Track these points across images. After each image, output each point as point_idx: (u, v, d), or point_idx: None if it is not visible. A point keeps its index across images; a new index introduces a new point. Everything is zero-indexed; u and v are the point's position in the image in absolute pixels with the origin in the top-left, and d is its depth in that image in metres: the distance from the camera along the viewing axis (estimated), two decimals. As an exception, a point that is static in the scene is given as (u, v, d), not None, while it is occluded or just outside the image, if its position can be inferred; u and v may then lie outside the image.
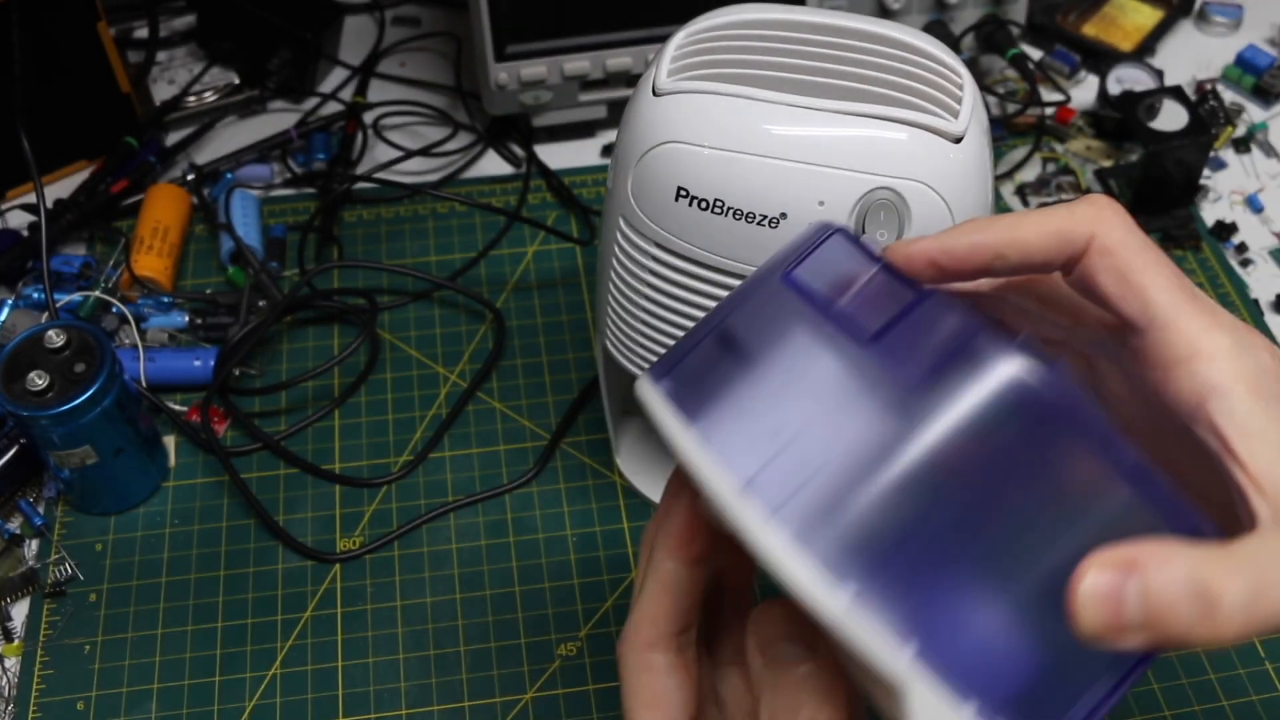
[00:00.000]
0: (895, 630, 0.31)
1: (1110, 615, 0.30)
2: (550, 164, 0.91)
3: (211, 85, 0.94)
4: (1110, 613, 0.30)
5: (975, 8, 0.92)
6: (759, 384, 0.35)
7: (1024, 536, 0.33)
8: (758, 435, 0.34)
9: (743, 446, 0.34)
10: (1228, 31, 0.99)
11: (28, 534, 0.72)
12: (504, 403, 0.78)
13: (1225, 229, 0.86)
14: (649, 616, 0.38)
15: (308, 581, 0.70)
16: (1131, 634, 0.30)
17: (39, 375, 0.66)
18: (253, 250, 0.82)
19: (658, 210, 0.56)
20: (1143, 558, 0.30)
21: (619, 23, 0.85)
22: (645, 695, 0.38)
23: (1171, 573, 0.30)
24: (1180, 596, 0.30)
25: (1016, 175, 0.90)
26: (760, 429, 0.34)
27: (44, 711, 0.65)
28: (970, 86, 0.55)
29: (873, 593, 0.31)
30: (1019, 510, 0.33)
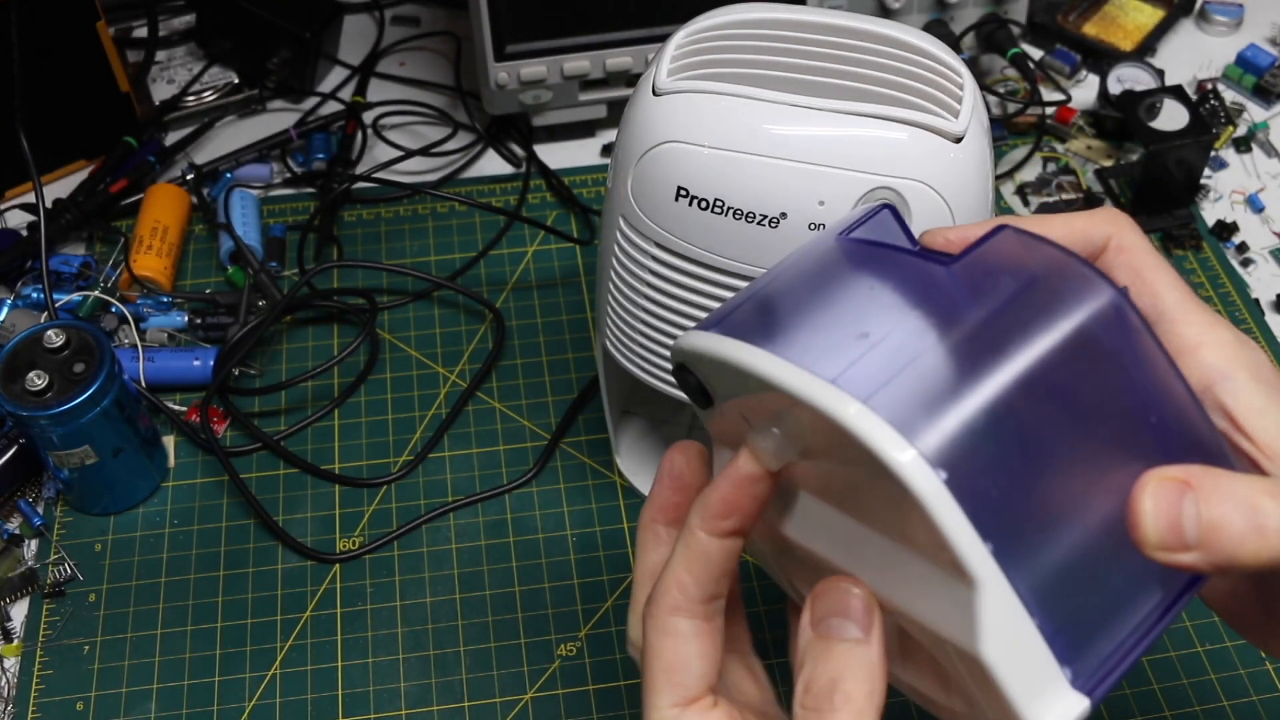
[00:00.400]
0: (977, 527, 0.32)
1: (1170, 528, 0.33)
2: (550, 164, 0.90)
3: (211, 85, 0.94)
4: (1170, 525, 0.33)
5: (976, 7, 0.92)
6: (830, 311, 0.36)
7: (1101, 448, 0.35)
8: (838, 344, 0.35)
9: (822, 356, 0.34)
10: (1228, 31, 0.99)
11: (27, 534, 0.72)
12: (504, 403, 0.77)
13: (1226, 229, 0.85)
14: (677, 582, 0.38)
15: (307, 581, 0.70)
16: (1188, 549, 0.33)
17: (38, 375, 0.66)
18: (252, 250, 0.82)
19: (658, 210, 0.56)
20: (1195, 478, 0.33)
21: (619, 22, 0.85)
22: (665, 659, 0.38)
23: (1224, 492, 0.33)
24: (1233, 512, 0.33)
25: (1017, 175, 0.89)
26: (840, 339, 0.35)
27: (43, 712, 0.65)
28: (970, 86, 0.55)
29: (960, 483, 0.32)
30: (1099, 420, 0.35)
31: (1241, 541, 0.33)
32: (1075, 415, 0.35)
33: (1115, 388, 0.35)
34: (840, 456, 0.35)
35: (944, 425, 0.32)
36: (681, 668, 0.38)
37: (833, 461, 0.36)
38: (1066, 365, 0.34)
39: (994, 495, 0.32)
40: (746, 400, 0.37)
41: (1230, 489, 0.34)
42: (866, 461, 0.33)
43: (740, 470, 0.37)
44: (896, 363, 0.33)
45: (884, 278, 0.37)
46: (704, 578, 0.38)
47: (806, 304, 0.37)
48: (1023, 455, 0.34)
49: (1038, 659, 0.33)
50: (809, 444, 0.36)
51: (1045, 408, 0.34)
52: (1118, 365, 0.35)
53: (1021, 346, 0.34)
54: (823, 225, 0.54)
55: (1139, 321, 0.35)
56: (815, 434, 0.35)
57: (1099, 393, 0.35)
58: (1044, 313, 0.35)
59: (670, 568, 0.38)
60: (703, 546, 0.38)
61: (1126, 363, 0.35)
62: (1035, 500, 0.34)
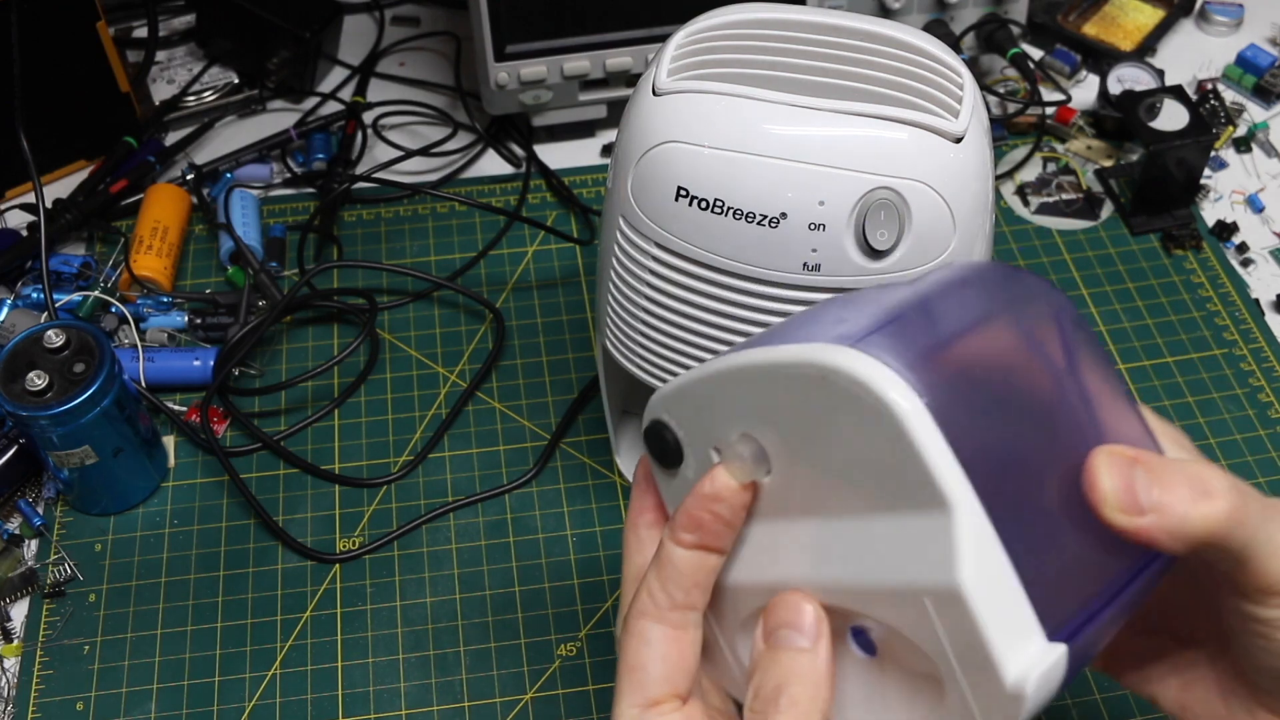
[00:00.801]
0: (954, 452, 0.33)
1: (1125, 490, 0.35)
2: (550, 164, 0.90)
3: (211, 85, 0.94)
4: (1125, 487, 0.36)
5: (976, 7, 0.92)
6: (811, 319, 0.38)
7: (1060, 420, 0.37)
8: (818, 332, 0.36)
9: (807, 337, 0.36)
10: (1229, 31, 0.99)
11: (27, 534, 0.72)
12: (504, 403, 0.77)
13: (1226, 229, 0.85)
14: (647, 589, 0.40)
15: (307, 582, 0.70)
16: (1143, 512, 0.35)
17: (38, 375, 0.66)
18: (252, 250, 0.82)
19: (658, 210, 0.56)
20: (1142, 457, 0.36)
21: (619, 23, 0.85)
22: (629, 660, 0.40)
23: (1169, 466, 0.37)
24: (1181, 481, 0.36)
25: (1017, 175, 0.89)
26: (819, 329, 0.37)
27: (43, 712, 0.65)
28: (970, 86, 0.55)
29: (936, 412, 0.33)
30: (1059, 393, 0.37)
31: (1192, 504, 0.36)
32: (1029, 383, 0.37)
33: (1064, 370, 0.38)
34: (809, 432, 0.36)
35: (918, 365, 0.34)
36: (642, 669, 0.39)
37: (799, 449, 0.37)
38: (1021, 339, 0.37)
39: (966, 434, 0.33)
40: (720, 431, 0.39)
41: (1175, 464, 0.37)
42: (841, 411, 0.34)
43: (703, 490, 0.39)
44: (872, 325, 0.35)
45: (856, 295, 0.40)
46: (672, 587, 0.40)
47: (781, 329, 0.39)
48: (989, 409, 0.35)
49: (1012, 599, 0.33)
50: (783, 442, 0.37)
51: (1007, 375, 0.36)
52: (1066, 352, 0.38)
53: (983, 321, 0.37)
54: (823, 225, 0.54)
55: (1085, 332, 0.38)
56: (789, 419, 0.37)
57: (1050, 369, 0.37)
58: (1002, 295, 0.38)
59: (645, 575, 0.40)
60: (671, 556, 0.40)
61: (1073, 354, 0.38)
62: (1000, 453, 0.35)
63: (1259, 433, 0.75)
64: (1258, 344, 0.79)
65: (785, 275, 0.56)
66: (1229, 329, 0.80)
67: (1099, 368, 0.39)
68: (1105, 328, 0.80)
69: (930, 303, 0.37)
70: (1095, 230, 0.86)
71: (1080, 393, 0.38)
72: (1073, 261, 0.84)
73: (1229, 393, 0.77)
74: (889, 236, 0.54)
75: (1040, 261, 0.84)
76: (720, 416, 0.39)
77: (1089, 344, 0.39)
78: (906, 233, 0.54)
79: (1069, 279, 0.83)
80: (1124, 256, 0.84)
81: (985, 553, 0.33)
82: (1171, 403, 0.76)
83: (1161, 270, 0.84)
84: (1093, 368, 0.38)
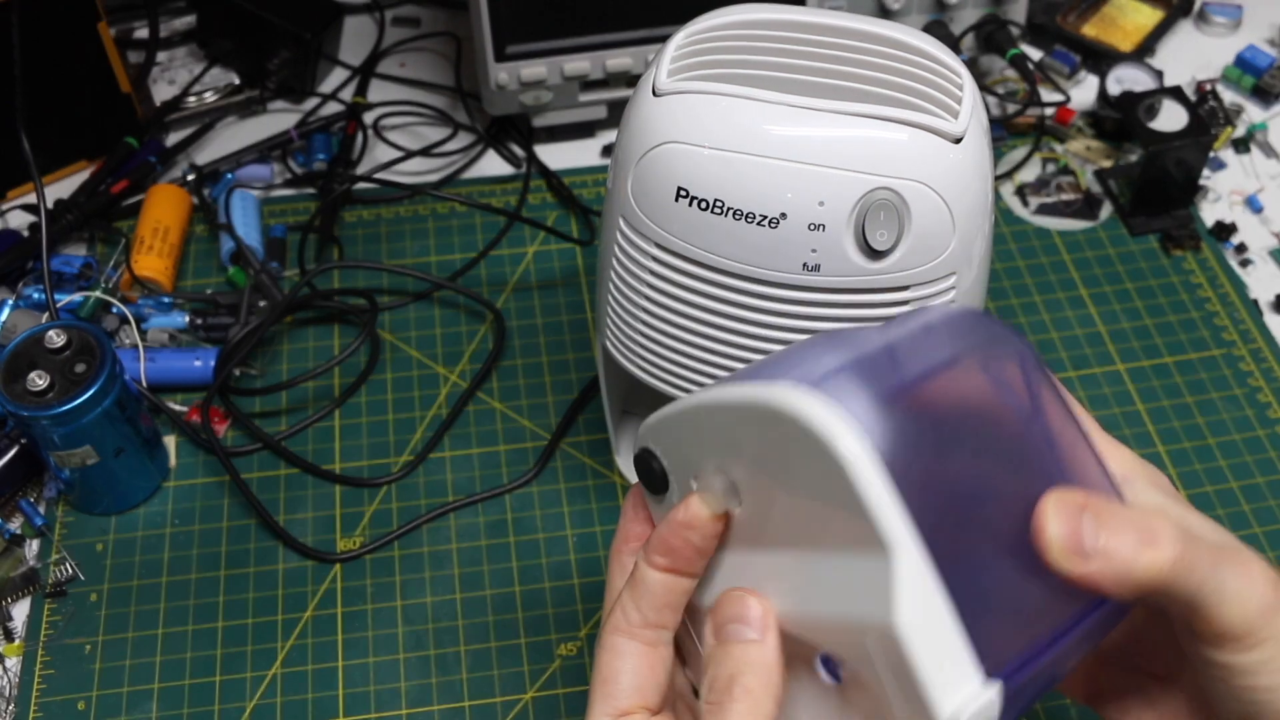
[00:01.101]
0: (896, 495, 0.34)
1: (1071, 535, 0.36)
2: (550, 164, 0.91)
3: (212, 85, 0.94)
4: (1071, 533, 0.36)
5: (975, 8, 0.92)
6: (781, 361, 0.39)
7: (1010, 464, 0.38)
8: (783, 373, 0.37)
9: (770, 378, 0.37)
10: (1227, 32, 0.99)
11: (29, 534, 0.72)
12: (504, 403, 0.78)
13: (1225, 229, 0.86)
14: (620, 605, 0.42)
15: (308, 581, 0.70)
16: (1088, 557, 0.36)
17: (40, 375, 0.66)
18: (253, 250, 0.82)
19: (658, 210, 0.57)
20: (1092, 501, 0.37)
21: (619, 23, 0.85)
22: (602, 672, 0.41)
23: (1117, 512, 0.37)
24: (1127, 528, 0.36)
25: (1016, 175, 0.90)
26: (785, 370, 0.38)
27: (45, 711, 0.65)
28: (970, 87, 0.55)
29: (883, 455, 0.34)
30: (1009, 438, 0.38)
31: (1136, 552, 0.36)
32: (987, 434, 0.38)
33: (1025, 414, 0.39)
34: (771, 468, 0.38)
35: (869, 411, 0.35)
36: (613, 680, 0.41)
37: (764, 484, 0.39)
38: (981, 388, 0.38)
39: (912, 479, 0.34)
40: (697, 462, 0.41)
41: (1125, 511, 0.37)
42: (796, 450, 0.35)
43: (677, 517, 0.41)
44: (830, 368, 0.37)
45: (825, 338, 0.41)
46: (644, 606, 0.41)
47: (754, 366, 0.41)
48: (939, 453, 0.36)
49: (949, 639, 0.34)
50: (751, 476, 0.39)
51: (961, 421, 0.37)
52: (1026, 402, 0.39)
53: (943, 367, 0.38)
54: (822, 226, 0.54)
55: (1046, 377, 0.39)
56: (755, 454, 0.38)
57: (1009, 420, 0.38)
58: (965, 345, 0.39)
59: (620, 593, 0.42)
60: (644, 578, 0.41)
61: (1034, 402, 0.39)
62: (949, 497, 0.36)
63: (1258, 433, 0.75)
64: (1256, 344, 0.79)
65: (785, 275, 0.56)
66: (1228, 329, 0.80)
67: (1060, 412, 0.39)
68: (1104, 328, 0.81)
69: (895, 347, 0.38)
70: (1094, 231, 0.86)
71: (1040, 436, 0.39)
72: (1072, 262, 0.84)
73: (1228, 393, 0.77)
74: (889, 237, 0.54)
75: (1039, 262, 0.84)
76: (697, 449, 0.41)
77: (1051, 388, 0.39)
78: (906, 233, 0.54)
79: (1068, 279, 0.83)
80: (1123, 257, 0.85)
81: (923, 595, 0.34)
82: (1170, 403, 0.77)
83: (1160, 271, 0.84)
84: (1054, 412, 0.39)
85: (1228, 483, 0.73)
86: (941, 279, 0.56)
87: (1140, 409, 0.76)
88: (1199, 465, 0.74)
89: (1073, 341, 0.80)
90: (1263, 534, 0.71)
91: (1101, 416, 0.76)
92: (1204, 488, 0.73)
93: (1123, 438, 0.74)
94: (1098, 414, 0.76)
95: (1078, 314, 0.81)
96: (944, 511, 0.35)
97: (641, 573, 0.42)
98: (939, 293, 0.56)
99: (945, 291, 0.57)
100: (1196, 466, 0.74)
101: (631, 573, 0.42)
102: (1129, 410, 0.76)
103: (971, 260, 0.57)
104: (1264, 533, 0.71)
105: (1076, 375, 0.78)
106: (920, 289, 0.56)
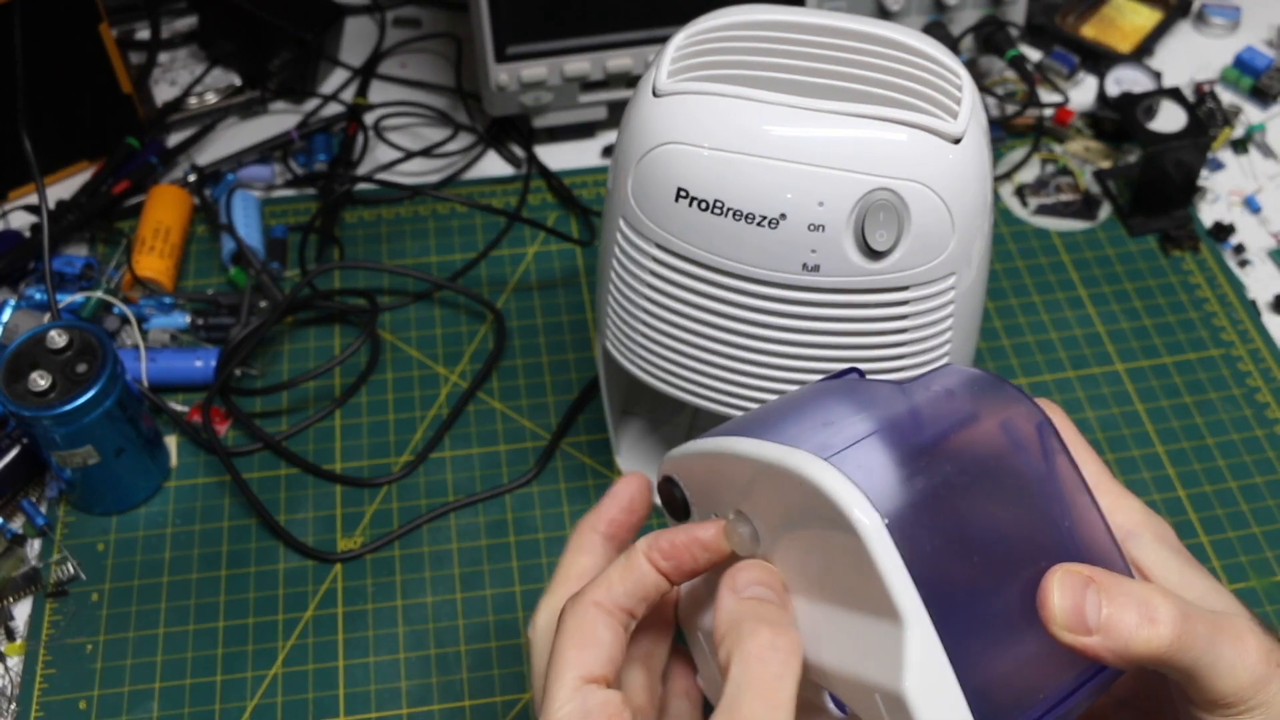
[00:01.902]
0: (910, 571, 0.36)
1: (1074, 610, 0.38)
2: (550, 165, 0.91)
3: (213, 86, 0.95)
4: (1074, 608, 0.38)
5: (974, 9, 0.92)
6: (798, 414, 0.42)
7: (1020, 538, 0.39)
8: (805, 430, 0.40)
9: (788, 437, 0.40)
10: (1226, 33, 1.00)
11: (30, 534, 0.72)
12: (504, 403, 0.78)
13: (1223, 230, 0.86)
14: (607, 582, 0.43)
15: (309, 581, 0.70)
16: (1090, 633, 0.38)
17: (41, 376, 0.66)
18: (254, 251, 0.83)
19: (658, 211, 0.57)
20: (1097, 576, 0.38)
21: (619, 24, 0.85)
22: (578, 637, 0.42)
23: (1122, 588, 0.38)
24: (1129, 605, 0.38)
25: (1015, 176, 0.90)
26: (807, 427, 0.40)
27: (46, 710, 0.65)
28: (969, 87, 0.55)
29: (898, 531, 0.36)
30: (1020, 512, 0.40)
31: (1136, 629, 0.38)
32: (1001, 504, 0.40)
33: (1036, 490, 0.40)
34: (792, 524, 0.39)
35: (889, 483, 0.37)
36: (592, 646, 0.41)
37: (784, 537, 0.40)
38: (998, 460, 0.40)
39: (927, 550, 0.37)
40: (719, 503, 0.43)
41: (1128, 587, 0.38)
42: (817, 516, 0.37)
43: (699, 534, 0.42)
44: (851, 438, 0.39)
45: (846, 393, 0.43)
46: (630, 591, 0.42)
47: (778, 414, 0.42)
48: (954, 524, 0.38)
49: (954, 705, 0.36)
50: (771, 527, 0.41)
51: (977, 492, 0.39)
52: (1039, 472, 0.41)
53: (960, 440, 0.40)
54: (822, 226, 0.54)
55: (1060, 445, 0.41)
56: (777, 509, 0.40)
57: (1023, 491, 0.40)
58: (981, 417, 0.41)
59: (608, 570, 0.43)
60: (638, 567, 0.42)
61: (1047, 472, 0.41)
62: (961, 567, 0.38)
63: (1256, 433, 0.75)
64: (1255, 345, 0.80)
65: (785, 276, 0.56)
66: (1226, 330, 0.80)
67: (1071, 479, 0.41)
68: (1103, 328, 0.81)
69: (910, 414, 0.41)
70: (1093, 231, 0.86)
71: (1051, 506, 0.40)
72: (1071, 262, 0.84)
73: (1226, 393, 0.77)
74: (888, 237, 0.54)
75: (1039, 262, 0.85)
76: (720, 491, 0.43)
77: (1064, 453, 0.41)
78: (905, 234, 0.54)
79: (1067, 280, 0.83)
80: (1122, 257, 0.85)
81: (931, 665, 0.36)
82: (1169, 403, 0.77)
83: (1159, 271, 0.84)
84: (1066, 479, 0.41)
85: (1226, 483, 0.73)
86: (941, 279, 0.56)
87: (1139, 409, 0.77)
88: (1198, 465, 0.74)
89: (1072, 341, 0.80)
90: (1262, 534, 0.71)
91: (1101, 416, 0.76)
92: (1203, 488, 0.73)
93: (1122, 438, 0.75)
94: (1097, 414, 0.76)
95: (1077, 314, 0.82)
96: (951, 582, 0.37)
97: (637, 561, 0.42)
98: (939, 292, 0.57)
99: (945, 291, 0.57)
100: (1195, 466, 0.74)
101: (626, 557, 0.43)
102: (1128, 410, 0.76)
103: (971, 260, 0.57)
104: (1263, 533, 0.71)
105: (1076, 375, 0.78)
106: (920, 289, 0.56)
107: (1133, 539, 0.43)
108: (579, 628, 0.42)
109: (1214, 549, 0.70)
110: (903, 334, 0.58)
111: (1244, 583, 0.69)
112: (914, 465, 0.38)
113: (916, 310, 0.57)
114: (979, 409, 0.41)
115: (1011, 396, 0.42)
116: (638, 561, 0.42)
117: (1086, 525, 0.41)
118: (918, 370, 0.59)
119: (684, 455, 0.44)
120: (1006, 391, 0.42)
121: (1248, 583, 0.69)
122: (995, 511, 0.39)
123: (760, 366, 0.59)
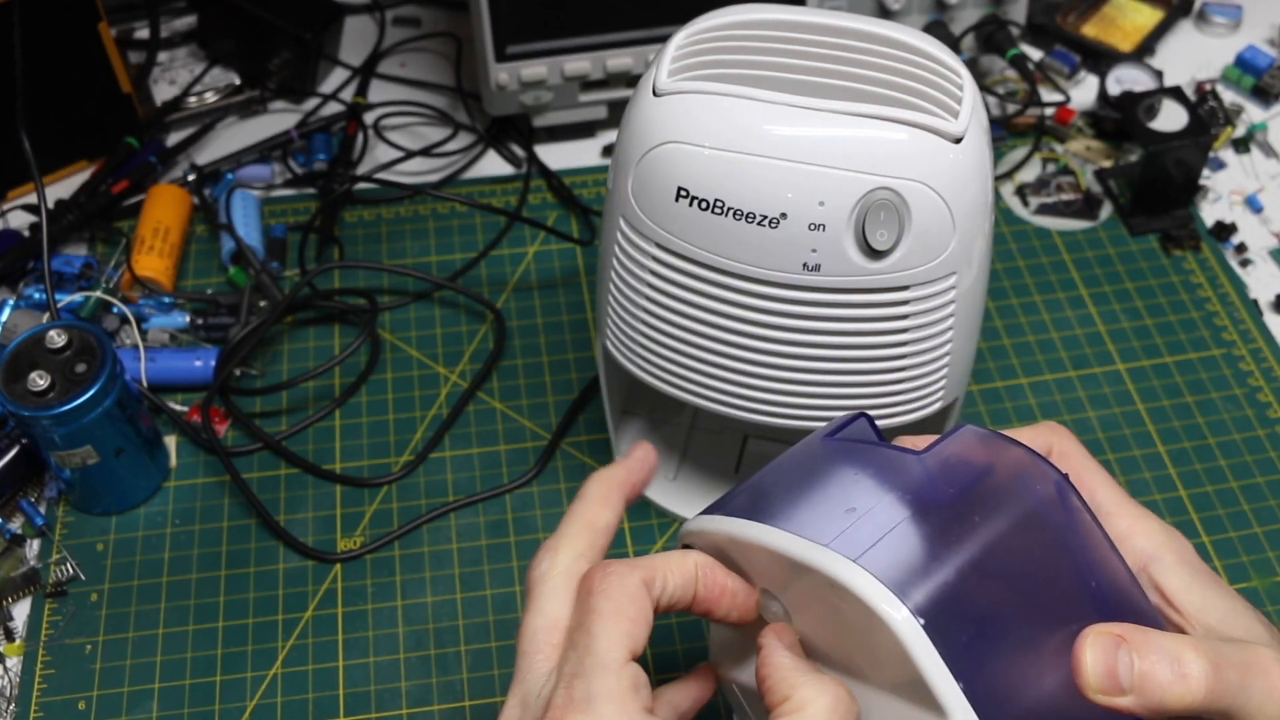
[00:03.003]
0: (949, 665, 0.37)
1: (1108, 674, 0.39)
2: (550, 164, 0.91)
3: (212, 86, 0.95)
4: (1107, 671, 0.39)
5: (975, 8, 0.92)
6: (819, 493, 0.42)
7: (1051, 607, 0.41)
8: (829, 517, 0.40)
9: (815, 527, 0.40)
10: (1227, 32, 0.99)
11: (29, 534, 0.72)
12: (504, 403, 0.78)
13: (1225, 229, 0.86)
14: (657, 572, 0.43)
15: (309, 581, 0.70)
16: (1124, 693, 0.39)
17: (40, 375, 0.66)
18: (253, 250, 0.83)
19: (658, 210, 0.57)
20: (1128, 634, 0.39)
21: (619, 23, 0.85)
22: (631, 611, 0.42)
23: (1153, 645, 0.39)
24: (1161, 662, 0.39)
25: (1016, 175, 0.90)
26: (830, 513, 0.41)
27: (45, 711, 0.65)
28: (970, 87, 0.55)
29: (935, 629, 0.37)
30: (1049, 583, 0.41)
31: (1169, 687, 0.39)
32: (1029, 577, 0.41)
33: (1061, 555, 0.41)
34: (824, 610, 0.40)
35: (921, 580, 0.38)
36: (642, 622, 0.42)
37: (816, 616, 0.42)
38: (1021, 533, 0.41)
39: (963, 641, 0.38)
40: (740, 568, 0.44)
41: (1159, 643, 0.39)
42: (852, 610, 0.38)
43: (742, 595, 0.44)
44: (879, 530, 0.39)
45: (864, 466, 0.43)
46: (673, 592, 0.43)
47: (799, 489, 0.43)
48: (986, 609, 0.39)
49: None
50: (800, 609, 0.42)
51: (1005, 569, 0.40)
52: (1062, 536, 0.42)
53: (983, 518, 0.40)
54: (823, 226, 0.54)
55: (1079, 502, 0.42)
56: (808, 597, 0.41)
57: (1048, 559, 0.41)
58: (1001, 490, 0.41)
59: (656, 559, 0.44)
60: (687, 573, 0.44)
61: (1070, 535, 0.42)
62: (997, 648, 0.39)
63: (1258, 433, 0.75)
64: (1256, 344, 0.80)
65: (785, 275, 0.56)
66: (1228, 329, 0.80)
67: (1094, 534, 0.42)
68: (1104, 328, 0.81)
69: (932, 491, 0.41)
70: (1094, 231, 0.86)
71: (1078, 566, 0.41)
72: (1072, 262, 0.84)
73: (1228, 393, 0.77)
74: (889, 237, 0.54)
75: (1039, 262, 0.84)
76: (742, 566, 0.44)
77: (1082, 510, 0.42)
78: (906, 233, 0.54)
79: (1068, 279, 0.83)
80: (1123, 257, 0.85)
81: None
82: (1170, 403, 0.77)
83: (1160, 271, 0.84)
84: (1089, 534, 0.42)
85: (1228, 482, 0.73)
86: (942, 279, 0.56)
87: (1140, 409, 0.76)
88: (1199, 465, 0.74)
89: (1073, 341, 0.80)
90: (1263, 534, 0.71)
91: (1102, 416, 0.76)
92: (1204, 487, 0.73)
93: (1123, 438, 0.75)
94: (1098, 414, 0.76)
95: (1078, 314, 0.82)
96: (993, 663, 0.38)
97: (689, 571, 0.44)
98: (939, 292, 0.56)
99: (946, 291, 0.57)
100: (1196, 466, 0.74)
101: (682, 558, 0.44)
102: (1129, 410, 0.76)
103: (971, 260, 0.57)
104: (1264, 532, 0.71)
105: (1077, 375, 0.78)
106: (920, 289, 0.56)
107: (1155, 563, 0.44)
108: (633, 601, 0.42)
109: (1215, 549, 0.70)
110: (903, 334, 0.58)
111: (1246, 582, 0.69)
112: (942, 551, 0.39)
113: (917, 310, 0.57)
114: (999, 479, 0.42)
115: (1027, 459, 0.42)
116: (690, 572, 0.44)
117: (1110, 578, 0.42)
118: (918, 370, 0.59)
119: (705, 533, 0.44)
120: (1021, 455, 0.43)
121: (1249, 582, 0.69)
122: (1025, 585, 0.40)
123: (760, 366, 0.59)
